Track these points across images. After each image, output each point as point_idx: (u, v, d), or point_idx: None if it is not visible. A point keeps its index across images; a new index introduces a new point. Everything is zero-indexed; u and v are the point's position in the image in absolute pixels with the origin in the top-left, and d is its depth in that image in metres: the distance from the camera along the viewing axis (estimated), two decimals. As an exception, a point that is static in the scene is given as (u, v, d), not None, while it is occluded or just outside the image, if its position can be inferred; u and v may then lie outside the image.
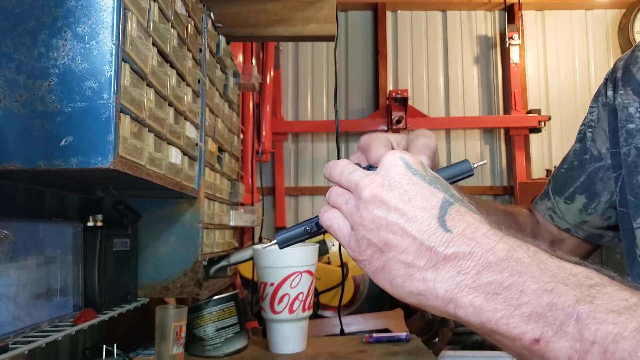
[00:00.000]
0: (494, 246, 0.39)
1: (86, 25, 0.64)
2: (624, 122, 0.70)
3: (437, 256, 0.40)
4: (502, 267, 0.38)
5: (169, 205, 1.08)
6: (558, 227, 0.82)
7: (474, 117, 3.83)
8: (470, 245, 0.40)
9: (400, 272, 0.42)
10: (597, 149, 0.77)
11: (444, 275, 0.40)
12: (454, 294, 0.39)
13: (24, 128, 0.63)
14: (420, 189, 0.43)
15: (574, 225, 0.80)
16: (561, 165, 0.84)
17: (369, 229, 0.43)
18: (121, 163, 0.65)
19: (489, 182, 3.83)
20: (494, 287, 0.38)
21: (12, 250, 0.74)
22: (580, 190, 0.78)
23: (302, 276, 1.18)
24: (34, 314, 0.79)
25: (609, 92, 0.75)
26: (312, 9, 1.30)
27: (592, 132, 0.78)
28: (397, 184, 0.43)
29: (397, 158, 0.45)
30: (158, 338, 1.00)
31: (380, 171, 0.45)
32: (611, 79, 0.75)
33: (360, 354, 1.19)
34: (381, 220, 0.42)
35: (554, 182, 0.84)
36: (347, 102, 3.89)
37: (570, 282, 0.37)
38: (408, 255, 0.41)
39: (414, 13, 3.97)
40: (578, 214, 0.79)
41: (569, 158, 0.82)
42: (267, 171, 3.63)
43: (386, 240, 0.42)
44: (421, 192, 0.43)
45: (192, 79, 1.02)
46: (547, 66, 3.90)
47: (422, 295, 0.41)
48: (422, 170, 0.45)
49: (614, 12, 3.90)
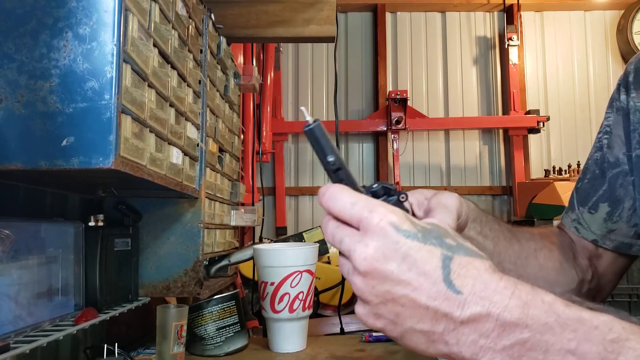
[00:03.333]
0: (508, 303, 0.39)
1: (87, 26, 0.64)
2: (636, 124, 0.70)
3: (454, 321, 0.40)
4: (521, 327, 0.38)
5: (170, 205, 1.08)
6: (584, 238, 0.78)
7: (473, 117, 3.84)
8: (484, 305, 0.39)
9: (421, 340, 0.42)
10: (614, 155, 0.75)
11: (465, 339, 0.40)
12: (479, 357, 0.39)
13: (26, 128, 0.63)
14: (417, 251, 0.41)
15: (601, 236, 0.77)
16: (583, 176, 0.82)
17: (374, 303, 0.42)
18: (122, 163, 0.66)
19: (487, 182, 3.83)
20: (517, 349, 0.38)
21: (14, 250, 0.75)
22: (602, 198, 0.76)
23: (302, 275, 1.19)
24: (35, 314, 0.79)
25: (622, 97, 0.74)
26: (312, 11, 1.30)
27: (608, 139, 0.77)
28: (392, 253, 0.41)
29: (385, 224, 0.41)
30: (159, 337, 1.00)
31: (371, 240, 0.41)
32: (624, 83, 0.74)
33: (359, 353, 1.19)
34: (386, 294, 0.41)
35: (577, 193, 0.82)
36: (347, 102, 3.90)
37: (592, 337, 0.37)
38: (425, 324, 0.41)
39: (413, 14, 3.98)
40: (603, 224, 0.76)
41: (590, 168, 0.80)
42: (268, 171, 3.63)
43: (397, 313, 0.41)
44: (419, 255, 0.41)
45: (193, 80, 1.02)
46: (545, 67, 3.91)
47: (449, 356, 0.41)
48: (412, 227, 0.42)
49: (612, 13, 3.91)
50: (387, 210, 0.42)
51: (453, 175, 3.84)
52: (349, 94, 3.91)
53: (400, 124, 3.53)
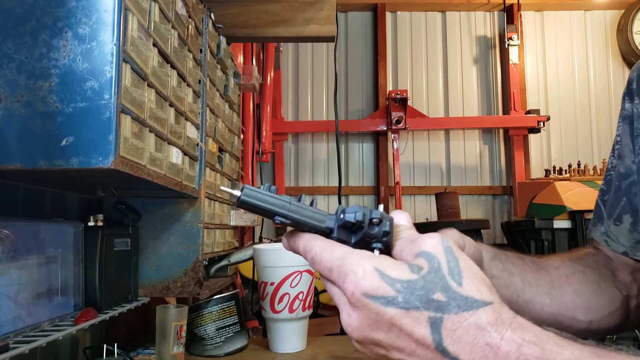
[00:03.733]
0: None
1: (87, 25, 0.64)
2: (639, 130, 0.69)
3: None
4: None
5: (169, 205, 1.08)
6: (615, 251, 0.77)
7: (473, 117, 3.84)
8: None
9: None
10: (625, 165, 0.75)
11: None
12: None
13: (25, 128, 0.63)
14: (400, 319, 0.38)
15: (630, 247, 0.75)
16: (608, 187, 0.81)
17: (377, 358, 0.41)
18: (122, 163, 0.66)
19: (488, 182, 3.83)
20: None
21: (13, 250, 0.75)
22: (625, 210, 0.75)
23: (302, 275, 1.18)
24: (35, 314, 0.79)
25: (627, 105, 0.73)
26: (312, 10, 1.30)
27: (618, 149, 0.77)
28: (375, 324, 0.39)
29: (359, 297, 0.38)
30: (159, 337, 1.00)
31: (352, 311, 0.40)
32: (627, 91, 0.74)
33: (360, 353, 1.19)
34: (385, 356, 0.40)
35: (604, 206, 0.81)
36: (347, 102, 3.90)
37: None
38: None
39: (413, 14, 3.98)
40: (629, 235, 0.75)
41: (613, 179, 0.79)
42: (268, 171, 3.63)
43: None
44: (403, 322, 0.38)
45: (193, 80, 1.02)
46: (546, 66, 3.91)
47: None
48: (389, 290, 0.38)
49: (612, 13, 3.91)
50: (358, 276, 0.38)
51: (453, 175, 3.84)
52: (349, 94, 3.91)
53: (400, 124, 3.53)
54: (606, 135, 3.80)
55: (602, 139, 3.81)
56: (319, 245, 0.42)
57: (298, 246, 0.44)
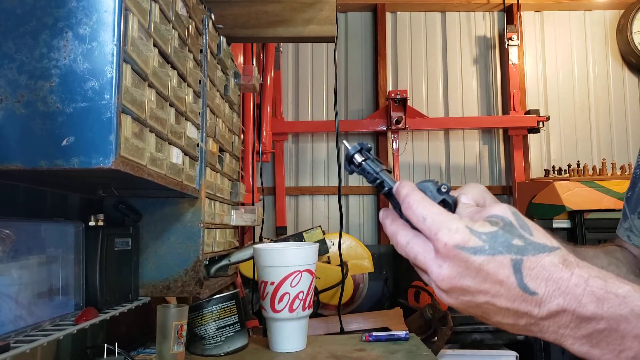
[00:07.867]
0: (582, 300, 0.42)
1: (87, 26, 0.64)
2: None
3: (534, 317, 0.43)
4: (597, 319, 0.41)
5: (170, 205, 1.08)
6: (636, 246, 0.81)
7: (472, 117, 3.84)
8: (559, 303, 0.42)
9: (509, 327, 0.46)
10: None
11: (547, 329, 0.44)
12: (561, 342, 0.44)
13: (26, 128, 0.63)
14: (487, 264, 0.43)
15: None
16: (633, 185, 0.85)
17: (464, 307, 0.46)
18: (122, 163, 0.66)
19: (487, 182, 3.83)
20: (595, 336, 0.42)
21: (14, 249, 0.75)
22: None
23: (302, 275, 1.19)
24: (36, 313, 0.79)
25: None
26: (312, 10, 1.30)
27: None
28: (465, 271, 0.44)
29: (451, 247, 0.44)
30: (159, 337, 1.01)
31: (443, 262, 0.45)
32: None
33: (359, 352, 1.19)
34: (470, 302, 0.45)
35: (628, 203, 0.85)
36: (346, 102, 3.90)
37: None
38: (509, 319, 0.45)
39: (413, 14, 3.98)
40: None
41: (637, 178, 0.83)
42: (268, 171, 3.63)
43: (483, 311, 0.46)
44: (490, 267, 0.43)
45: (193, 80, 1.02)
46: (545, 67, 3.91)
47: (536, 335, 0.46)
48: (477, 241, 0.44)
49: (612, 13, 3.91)
50: (451, 230, 0.44)
51: (453, 175, 3.84)
52: (349, 94, 3.91)
53: (400, 124, 3.53)
54: (605, 135, 3.80)
55: (601, 139, 3.81)
56: (420, 196, 0.48)
57: (401, 191, 0.49)
